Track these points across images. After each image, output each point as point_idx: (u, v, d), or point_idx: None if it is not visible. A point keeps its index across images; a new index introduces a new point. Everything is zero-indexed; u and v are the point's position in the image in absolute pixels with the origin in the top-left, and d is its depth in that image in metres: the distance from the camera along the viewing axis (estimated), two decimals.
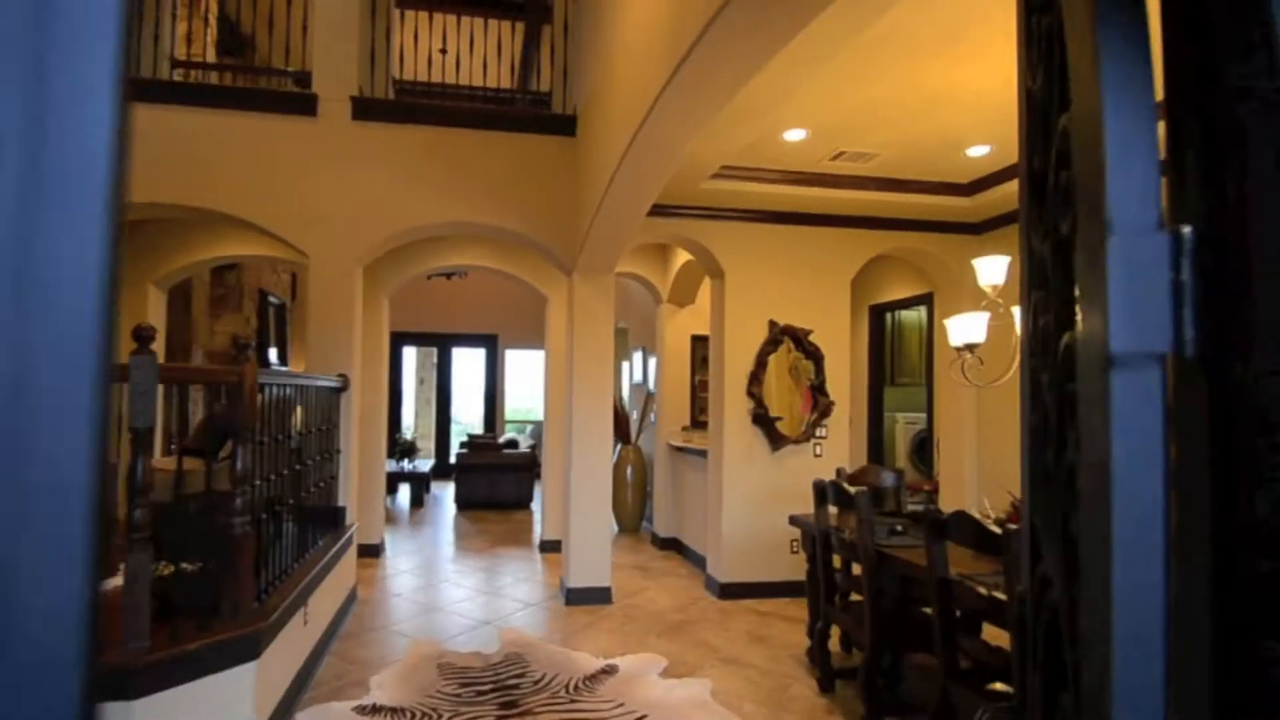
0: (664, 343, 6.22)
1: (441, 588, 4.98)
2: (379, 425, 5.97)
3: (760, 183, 4.27)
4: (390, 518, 7.66)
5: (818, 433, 4.76)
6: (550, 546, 5.88)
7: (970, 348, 2.88)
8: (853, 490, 2.94)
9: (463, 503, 8.31)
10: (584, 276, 4.60)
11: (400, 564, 5.66)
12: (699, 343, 6.25)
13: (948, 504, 5.03)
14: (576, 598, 4.53)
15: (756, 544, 4.67)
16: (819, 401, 4.75)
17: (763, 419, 4.63)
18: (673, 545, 6.02)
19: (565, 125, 4.59)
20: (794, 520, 3.64)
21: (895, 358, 6.87)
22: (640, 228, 4.58)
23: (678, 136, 2.73)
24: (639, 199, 3.42)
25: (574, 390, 4.58)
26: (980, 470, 4.94)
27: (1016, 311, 2.66)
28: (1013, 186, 4.16)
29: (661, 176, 3.14)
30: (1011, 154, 3.90)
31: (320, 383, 4.01)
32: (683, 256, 5.73)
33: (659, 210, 4.59)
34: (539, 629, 4.10)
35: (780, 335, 4.70)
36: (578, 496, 4.56)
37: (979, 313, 2.85)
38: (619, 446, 6.90)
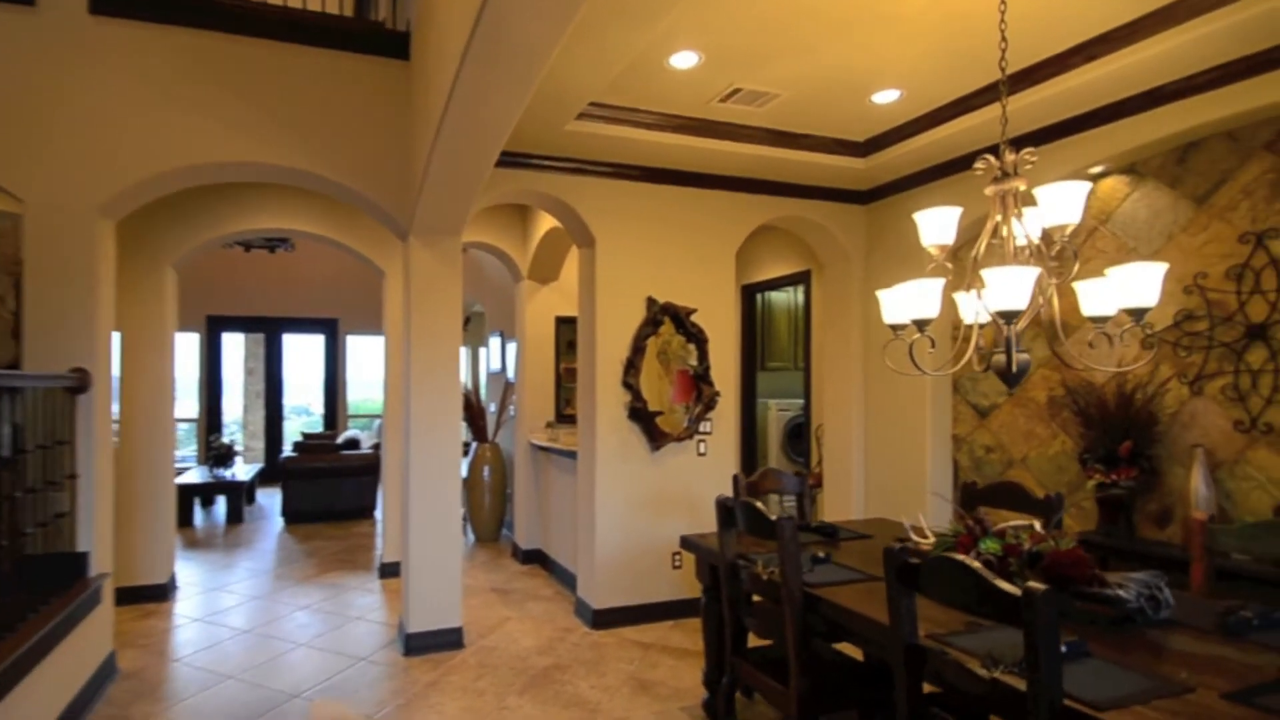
0: (524, 325, 5.09)
1: (240, 642, 3.55)
2: (164, 430, 4.29)
3: (637, 127, 3.28)
4: (194, 542, 5.86)
5: (702, 428, 3.92)
6: (392, 570, 4.58)
7: (921, 325, 2.11)
8: (774, 516, 2.07)
9: (292, 515, 6.63)
10: (423, 240, 3.35)
11: (193, 608, 4.09)
12: (565, 325, 5.19)
13: (832, 500, 4.43)
14: (419, 645, 3.35)
15: (634, 560, 3.75)
16: (703, 391, 3.90)
17: (641, 413, 3.70)
18: (537, 559, 4.94)
19: (394, 45, 3.29)
20: (688, 544, 2.74)
21: (765, 341, 6.27)
22: (492, 181, 3.42)
23: (532, 30, 1.67)
24: (486, 131, 2.29)
25: (411, 379, 3.35)
26: (867, 464, 4.36)
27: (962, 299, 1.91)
28: (912, 146, 3.53)
29: (513, 96, 2.05)
30: (924, 102, 3.22)
31: (32, 383, 2.55)
32: (545, 224, 4.62)
33: (515, 160, 3.45)
34: (365, 698, 2.88)
35: (660, 315, 3.78)
36: (418, 515, 3.35)
37: (929, 279, 2.07)
38: (474, 445, 5.68)
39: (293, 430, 9.49)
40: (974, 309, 2.10)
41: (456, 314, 3.44)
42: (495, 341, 6.25)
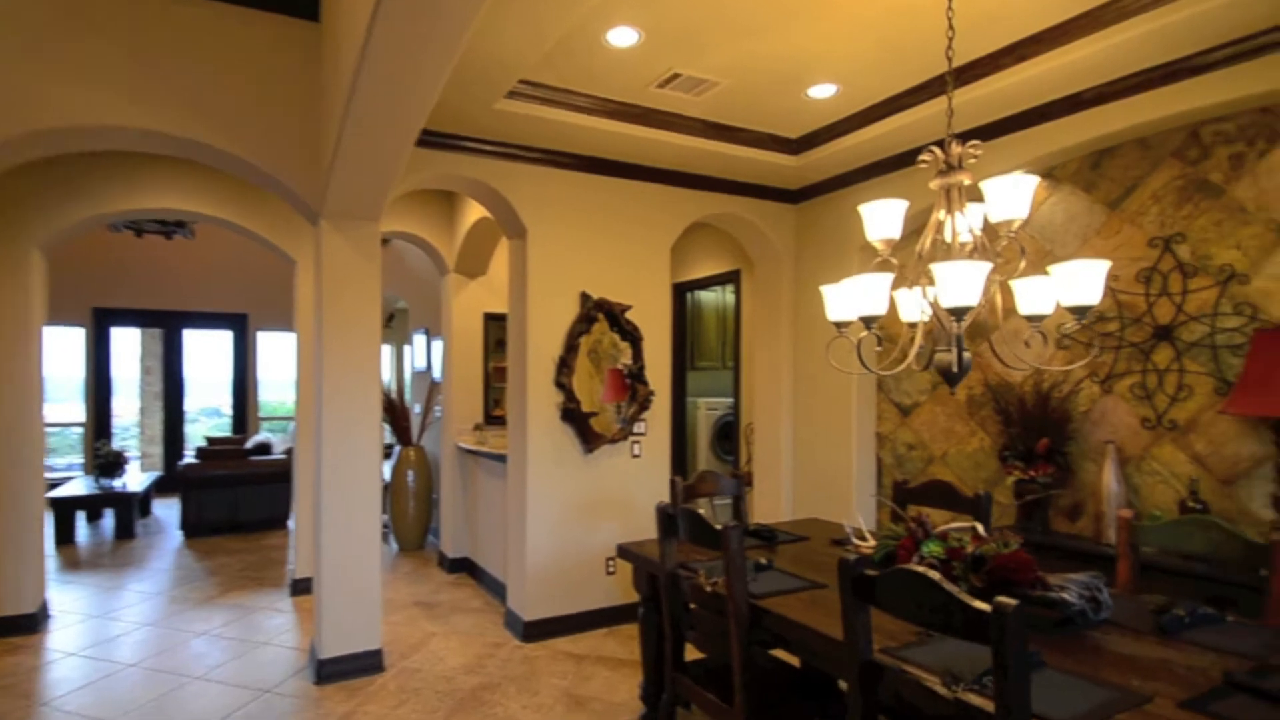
0: (451, 322, 4.74)
1: (125, 679, 3.06)
2: (30, 436, 3.67)
3: (572, 110, 3.04)
4: (75, 562, 5.13)
5: (636, 429, 3.74)
6: (306, 587, 4.14)
7: (868, 322, 1.99)
8: (719, 525, 1.91)
9: (192, 528, 5.96)
10: (336, 225, 2.98)
11: (69, 640, 3.53)
12: (494, 322, 4.88)
13: (762, 498, 4.36)
14: (333, 671, 2.99)
15: (567, 567, 3.52)
16: (637, 391, 3.72)
17: (574, 415, 3.47)
18: (465, 567, 4.62)
19: (303, 1, 2.89)
20: (626, 554, 2.55)
21: (695, 340, 6.18)
22: (415, 163, 3.09)
23: None
24: (404, 102, 2.00)
25: (324, 379, 2.98)
26: (796, 462, 4.33)
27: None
28: (843, 145, 3.47)
29: (434, 61, 1.78)
30: (859, 99, 3.15)
31: None
32: (473, 214, 4.30)
33: (440, 140, 3.13)
34: None
35: (594, 312, 3.57)
36: (332, 526, 2.99)
37: (876, 274, 1.96)
38: (397, 448, 5.27)
39: (198, 434, 8.61)
40: (918, 306, 2.03)
41: (375, 308, 3.10)
42: (420, 339, 5.84)
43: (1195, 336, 2.63)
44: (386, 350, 8.68)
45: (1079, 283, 1.77)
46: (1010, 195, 1.79)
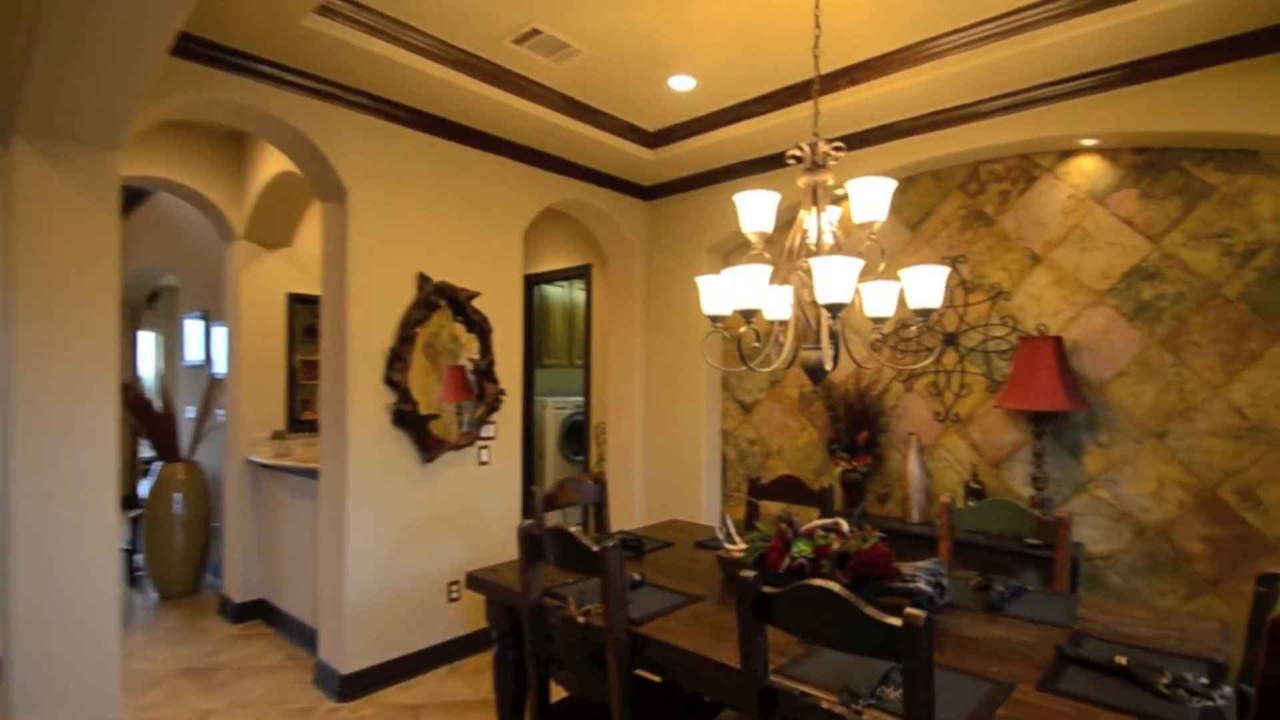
0: (240, 303, 3.97)
1: None
2: None
3: (410, 50, 2.62)
4: None
5: (484, 432, 3.41)
6: None
7: (747, 316, 1.94)
8: (594, 545, 1.72)
9: None
10: (42, 148, 2.21)
11: None
12: (302, 305, 4.20)
13: (616, 499, 4.28)
14: None
15: (399, 601, 3.08)
16: (486, 390, 3.39)
17: (410, 418, 3.05)
18: (259, 613, 3.86)
19: None
20: (478, 583, 2.24)
21: (542, 336, 5.98)
22: (186, 79, 2.45)
23: None
24: None
25: (14, 374, 2.24)
26: (648, 461, 4.32)
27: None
28: (697, 145, 3.51)
29: None
30: (716, 97, 3.19)
31: None
32: (272, 165, 3.62)
33: (224, 57, 2.50)
34: None
35: (435, 297, 3.17)
36: (30, 583, 2.23)
37: (755, 265, 1.92)
38: (158, 465, 4.31)
39: None
40: (786, 303, 2.08)
41: (111, 275, 2.33)
42: (194, 325, 4.87)
43: (973, 343, 3.11)
44: (149, 337, 7.19)
45: (924, 287, 1.90)
46: (872, 196, 1.87)
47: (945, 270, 1.94)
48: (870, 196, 1.84)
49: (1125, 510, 2.70)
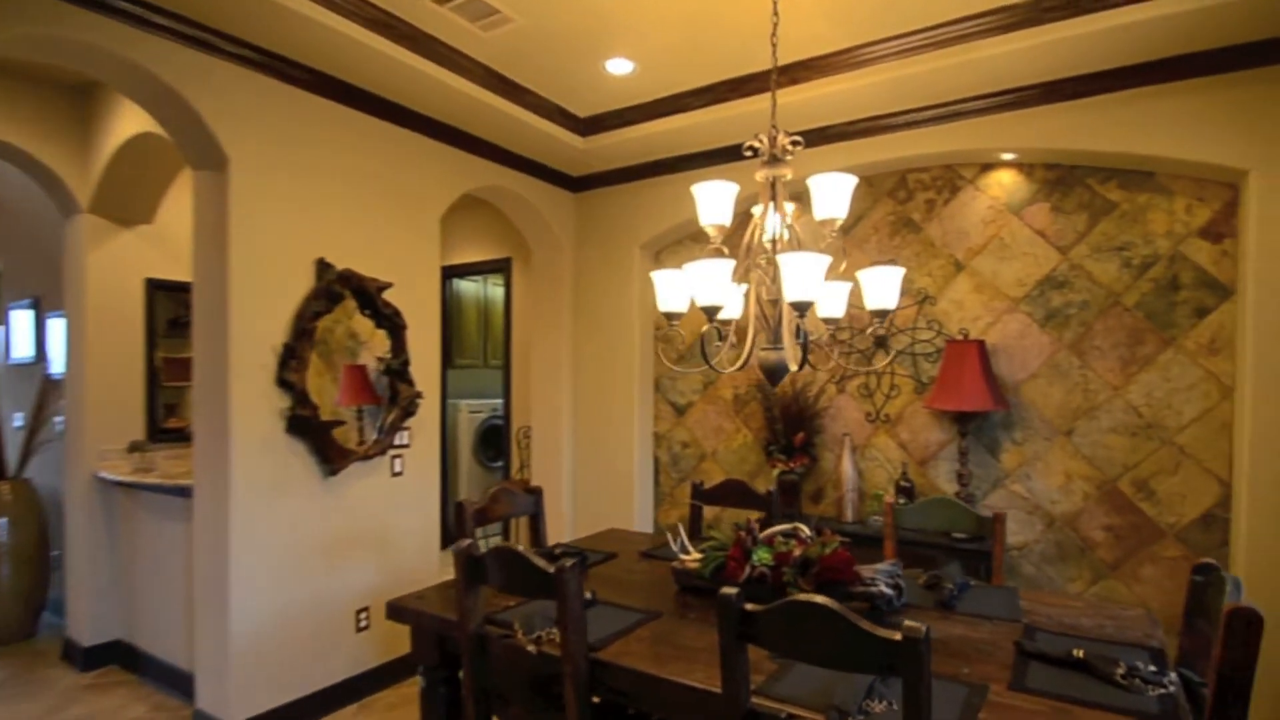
0: (85, 290, 3.39)
1: None
2: None
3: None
4: None
5: (398, 440, 3.14)
6: None
7: (710, 313, 1.88)
8: (548, 565, 1.59)
9: None
10: None
11: None
12: (166, 293, 3.67)
13: (548, 514, 4.11)
14: None
15: (297, 635, 2.74)
16: (399, 393, 3.11)
17: (309, 425, 2.73)
18: (114, 656, 3.28)
19: None
20: (402, 613, 2.01)
21: (455, 334, 5.68)
22: (17, 9, 2.05)
23: None
24: None
25: None
26: (576, 466, 4.20)
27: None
28: (631, 135, 3.42)
29: None
30: (655, 85, 3.11)
31: None
32: (127, 123, 3.11)
33: None
34: None
35: (337, 287, 2.86)
36: None
37: (717, 259, 1.86)
38: None
39: None
40: (740, 301, 2.07)
41: None
42: (22, 314, 4.15)
43: (901, 345, 3.28)
44: None
45: (881, 287, 1.94)
46: (833, 193, 1.88)
47: (901, 271, 1.98)
48: (831, 192, 1.82)
49: (1038, 503, 2.92)
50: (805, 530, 2.03)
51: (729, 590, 1.34)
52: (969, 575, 2.40)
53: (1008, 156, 2.97)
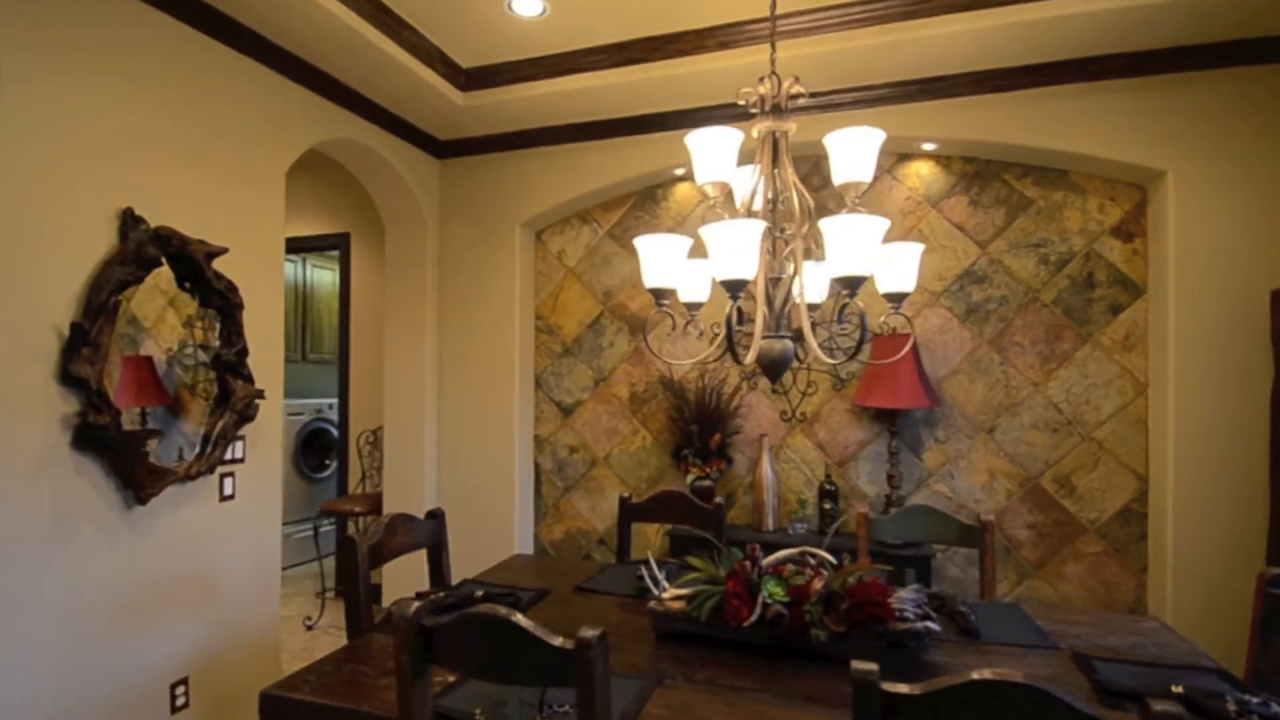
0: None
1: None
2: None
3: None
4: None
5: (230, 453, 2.57)
6: None
7: (734, 289, 1.65)
8: (558, 639, 1.29)
9: None
10: None
11: None
12: None
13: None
14: None
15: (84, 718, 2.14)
16: (233, 392, 2.54)
17: (106, 436, 2.11)
18: None
19: None
20: (277, 706, 1.57)
21: None
22: None
23: None
24: None
25: None
26: (441, 478, 3.81)
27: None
28: (526, 93, 3.16)
29: None
30: (567, 34, 2.88)
31: None
32: None
33: None
34: None
35: (152, 249, 2.26)
36: None
37: (743, 220, 1.60)
38: None
39: None
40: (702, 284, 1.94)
41: None
42: None
43: (820, 340, 3.32)
44: None
45: (899, 267, 1.87)
46: (856, 151, 1.74)
47: (920, 247, 1.89)
48: (853, 151, 1.68)
49: (962, 503, 3.10)
50: (824, 555, 1.84)
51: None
52: (921, 586, 2.39)
53: (929, 147, 3.10)
